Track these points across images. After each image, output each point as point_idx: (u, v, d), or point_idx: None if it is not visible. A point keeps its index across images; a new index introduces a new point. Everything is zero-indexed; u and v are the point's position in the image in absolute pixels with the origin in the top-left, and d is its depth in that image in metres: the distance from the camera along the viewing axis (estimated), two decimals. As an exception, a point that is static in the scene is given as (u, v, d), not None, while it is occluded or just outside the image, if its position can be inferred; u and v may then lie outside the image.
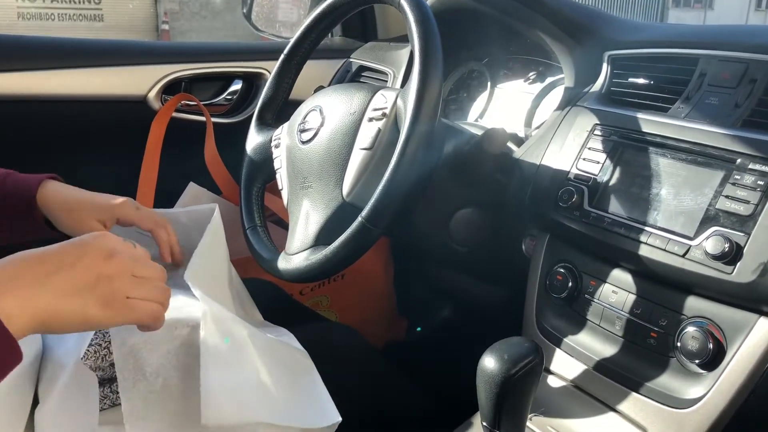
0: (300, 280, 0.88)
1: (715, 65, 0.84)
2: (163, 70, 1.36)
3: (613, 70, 0.96)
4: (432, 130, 0.79)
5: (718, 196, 0.73)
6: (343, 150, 0.87)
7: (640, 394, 0.77)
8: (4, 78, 1.21)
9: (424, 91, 0.78)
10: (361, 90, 0.91)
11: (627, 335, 0.80)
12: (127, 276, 0.61)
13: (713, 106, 0.81)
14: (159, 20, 11.36)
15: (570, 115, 0.95)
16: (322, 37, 1.03)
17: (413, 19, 0.81)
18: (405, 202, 0.80)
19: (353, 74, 1.51)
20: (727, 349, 0.71)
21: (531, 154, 0.97)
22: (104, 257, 0.60)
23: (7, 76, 1.21)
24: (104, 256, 0.60)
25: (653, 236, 0.77)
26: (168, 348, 0.72)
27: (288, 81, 1.06)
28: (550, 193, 0.90)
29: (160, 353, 0.72)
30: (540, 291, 0.92)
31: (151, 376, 0.71)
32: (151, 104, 1.35)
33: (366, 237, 0.79)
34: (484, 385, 0.65)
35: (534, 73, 1.21)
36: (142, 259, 0.64)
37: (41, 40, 1.31)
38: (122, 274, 0.60)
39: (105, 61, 1.32)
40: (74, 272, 0.57)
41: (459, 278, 1.23)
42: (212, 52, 1.47)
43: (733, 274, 0.69)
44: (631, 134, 0.85)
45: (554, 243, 0.92)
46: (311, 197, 0.90)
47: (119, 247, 0.62)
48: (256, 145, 1.04)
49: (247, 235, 1.00)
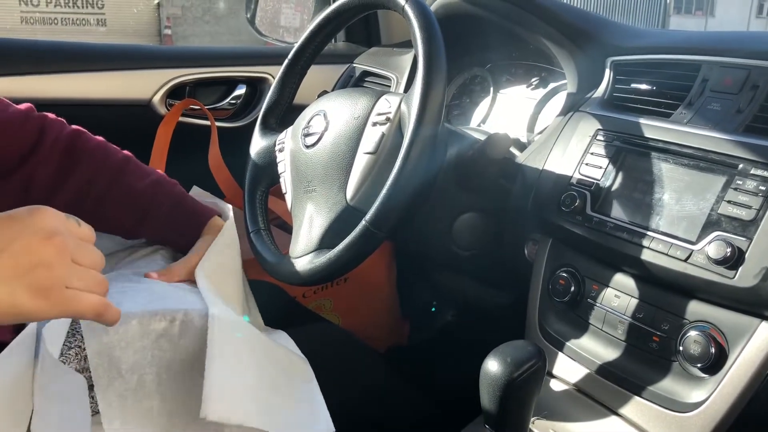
0: (303, 284, 0.89)
1: (718, 71, 0.84)
2: (168, 74, 1.37)
3: (615, 75, 0.96)
4: (436, 135, 0.80)
5: (720, 201, 0.74)
6: (347, 154, 0.87)
7: (642, 398, 0.78)
8: (9, 82, 1.21)
9: (427, 95, 0.78)
10: (366, 95, 0.91)
11: (629, 339, 0.81)
12: (67, 262, 0.53)
13: (715, 111, 0.81)
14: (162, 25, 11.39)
15: (572, 121, 0.95)
16: (326, 42, 1.04)
17: (417, 24, 0.82)
18: (408, 206, 0.80)
19: (357, 79, 1.52)
20: (729, 354, 0.71)
21: (534, 159, 0.97)
22: (42, 238, 0.51)
23: (12, 79, 1.22)
24: (42, 236, 0.52)
25: (656, 241, 0.77)
26: (143, 344, 0.69)
27: (292, 85, 1.07)
28: (552, 197, 0.90)
29: (135, 349, 0.68)
30: (542, 295, 0.92)
31: (126, 374, 0.68)
32: (156, 108, 1.36)
33: (369, 241, 0.80)
34: (487, 388, 0.65)
35: (537, 79, 1.21)
36: (85, 240, 0.56)
37: (46, 44, 1.31)
38: (62, 260, 0.52)
39: (110, 65, 1.33)
40: (5, 256, 0.50)
41: (461, 282, 1.23)
42: (216, 57, 1.48)
43: (735, 278, 0.70)
44: (633, 139, 0.86)
45: (557, 247, 0.92)
46: (315, 201, 0.90)
47: (60, 225, 0.54)
48: (259, 149, 1.05)
49: (250, 239, 1.00)
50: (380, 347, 1.43)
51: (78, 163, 0.89)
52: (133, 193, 0.90)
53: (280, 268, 0.92)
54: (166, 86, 1.36)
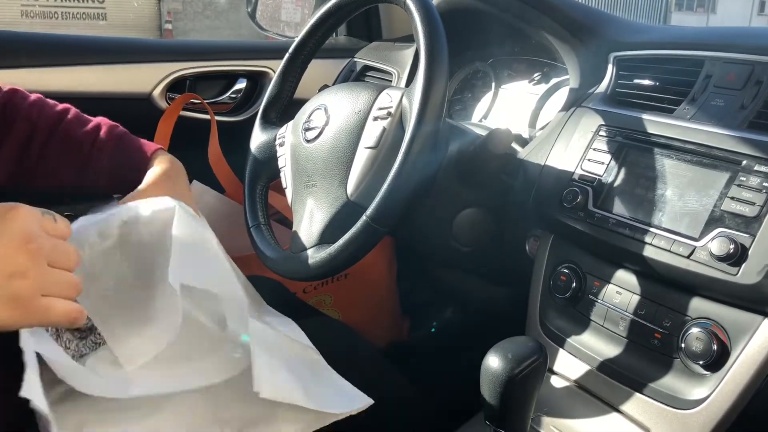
0: (304, 279, 0.89)
1: (721, 67, 0.84)
2: (168, 68, 1.37)
3: (618, 71, 0.96)
4: (437, 130, 0.80)
5: (724, 198, 0.73)
6: (348, 149, 0.87)
7: (643, 395, 0.77)
8: (9, 74, 1.21)
9: (429, 90, 0.78)
10: (367, 89, 0.91)
11: (631, 336, 0.80)
12: (42, 268, 0.51)
13: (719, 107, 0.81)
14: (162, 19, 11.38)
15: (575, 116, 0.95)
16: (327, 36, 1.03)
17: (419, 18, 0.81)
18: (409, 201, 0.80)
19: (357, 74, 1.51)
20: (732, 351, 0.71)
21: (535, 154, 0.97)
22: (18, 244, 0.49)
23: (12, 72, 1.21)
24: (17, 243, 0.49)
25: (658, 237, 0.77)
26: (110, 243, 0.68)
27: (293, 79, 1.06)
28: (554, 193, 0.90)
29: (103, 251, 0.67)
30: (544, 291, 0.92)
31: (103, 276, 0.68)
32: (156, 102, 1.35)
33: (370, 236, 0.79)
34: (488, 384, 0.65)
35: (539, 74, 1.20)
36: (60, 239, 0.54)
37: (46, 37, 1.31)
38: (37, 267, 0.50)
39: (110, 58, 1.32)
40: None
41: (462, 278, 1.23)
42: (217, 51, 1.48)
43: (738, 275, 0.69)
44: (636, 135, 0.85)
45: (558, 243, 0.92)
46: (315, 196, 0.90)
47: (35, 227, 0.51)
48: (260, 144, 1.05)
49: (250, 233, 1.00)
50: (380, 343, 1.43)
51: (15, 121, 0.88)
52: (73, 139, 0.90)
53: (281, 263, 0.91)
54: (167, 80, 1.36)
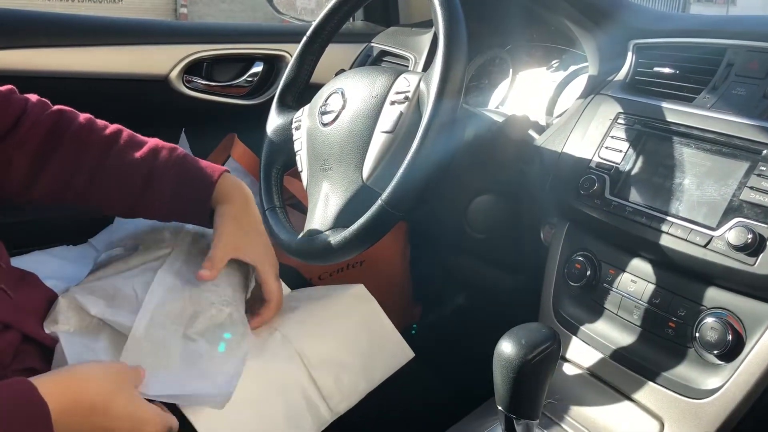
0: (318, 261, 0.89)
1: (743, 55, 0.83)
2: (186, 50, 1.37)
3: (638, 58, 0.95)
4: (454, 115, 0.79)
5: (743, 187, 0.72)
6: (364, 133, 0.87)
7: (656, 384, 0.77)
8: (27, 54, 1.21)
9: (447, 74, 0.78)
10: (384, 73, 0.90)
11: (645, 325, 0.80)
12: None
13: (740, 96, 0.80)
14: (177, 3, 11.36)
15: (593, 104, 0.94)
16: (344, 20, 1.03)
17: (438, 3, 0.81)
18: (425, 186, 0.79)
19: (374, 59, 1.51)
20: (746, 341, 0.70)
21: (552, 141, 0.96)
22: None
23: (31, 52, 1.22)
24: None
25: (675, 226, 0.76)
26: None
27: (310, 63, 1.06)
28: (571, 181, 0.89)
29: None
30: (558, 279, 0.92)
31: None
32: (173, 84, 1.36)
33: (385, 220, 0.79)
34: (500, 369, 0.65)
35: (557, 61, 1.20)
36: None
37: (65, 18, 1.31)
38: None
39: (128, 39, 1.33)
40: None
41: (475, 265, 1.22)
42: (234, 33, 1.47)
43: (756, 265, 0.69)
44: (654, 123, 0.85)
45: (573, 231, 0.92)
46: (331, 179, 0.90)
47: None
48: (276, 127, 1.05)
49: (265, 216, 1.00)
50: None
51: (60, 144, 0.86)
52: (129, 163, 0.87)
53: (295, 246, 0.91)
54: (184, 62, 1.36)
